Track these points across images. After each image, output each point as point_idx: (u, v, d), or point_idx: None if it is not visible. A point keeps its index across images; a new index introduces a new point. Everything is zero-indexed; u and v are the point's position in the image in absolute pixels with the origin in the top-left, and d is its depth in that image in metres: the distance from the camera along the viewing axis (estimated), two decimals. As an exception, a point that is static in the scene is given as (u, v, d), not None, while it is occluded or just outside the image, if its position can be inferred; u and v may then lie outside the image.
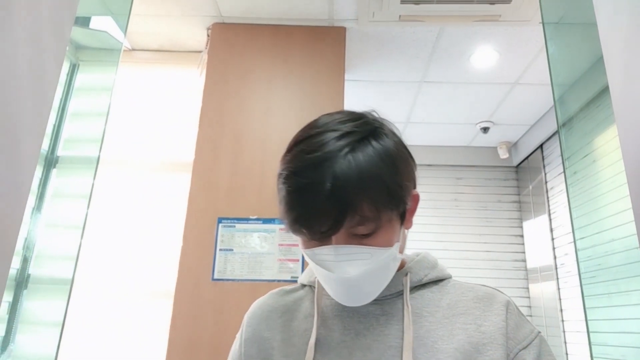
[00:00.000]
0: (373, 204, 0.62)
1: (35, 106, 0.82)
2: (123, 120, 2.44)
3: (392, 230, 0.66)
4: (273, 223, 2.04)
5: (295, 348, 0.71)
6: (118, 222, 2.29)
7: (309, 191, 0.62)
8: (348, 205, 0.61)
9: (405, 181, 0.67)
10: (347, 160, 0.62)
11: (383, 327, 0.70)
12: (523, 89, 2.93)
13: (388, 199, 0.64)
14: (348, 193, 0.61)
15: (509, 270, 3.66)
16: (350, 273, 0.64)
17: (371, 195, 0.62)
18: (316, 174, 0.61)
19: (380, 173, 0.63)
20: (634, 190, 0.73)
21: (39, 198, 1.75)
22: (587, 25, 1.02)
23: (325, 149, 0.63)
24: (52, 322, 1.36)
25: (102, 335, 2.12)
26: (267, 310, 0.79)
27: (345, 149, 0.63)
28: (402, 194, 0.66)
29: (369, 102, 3.10)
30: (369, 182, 0.62)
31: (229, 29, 2.37)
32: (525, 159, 3.72)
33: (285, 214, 0.65)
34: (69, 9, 0.93)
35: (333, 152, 0.62)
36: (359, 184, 0.61)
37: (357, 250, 0.63)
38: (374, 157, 0.63)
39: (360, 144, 0.64)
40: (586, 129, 1.27)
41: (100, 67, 1.85)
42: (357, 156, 0.62)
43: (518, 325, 0.69)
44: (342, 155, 0.62)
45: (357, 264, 0.64)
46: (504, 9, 2.13)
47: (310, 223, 0.63)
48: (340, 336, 0.70)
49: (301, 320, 0.75)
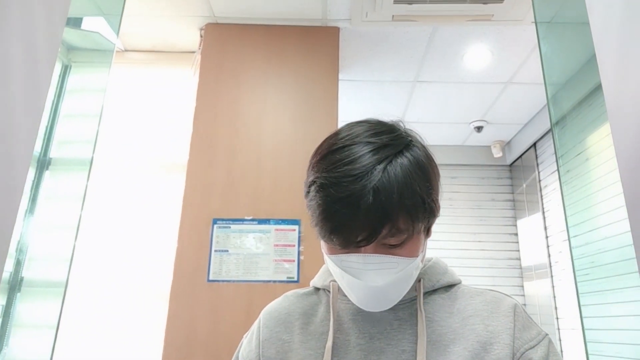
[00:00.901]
0: (409, 218, 0.64)
1: (27, 108, 0.81)
2: (116, 122, 2.43)
3: (419, 241, 0.68)
4: (268, 224, 2.03)
5: (312, 351, 0.73)
6: (112, 224, 2.27)
7: (349, 204, 0.62)
8: (387, 218, 0.62)
9: (437, 195, 0.70)
10: (387, 174, 0.63)
11: (396, 331, 0.71)
12: (516, 88, 2.95)
13: (423, 213, 0.65)
14: (388, 207, 0.62)
15: (504, 269, 3.68)
16: (378, 282, 0.65)
17: (409, 209, 0.63)
18: (356, 187, 0.62)
19: (418, 188, 0.64)
20: (628, 187, 0.74)
21: (31, 200, 1.74)
22: (579, 24, 1.02)
23: (363, 161, 0.64)
24: (46, 325, 1.35)
25: (98, 337, 2.11)
26: (285, 312, 0.80)
27: (384, 163, 0.64)
28: (435, 207, 0.69)
29: (363, 102, 3.10)
30: (407, 197, 0.63)
31: (222, 29, 2.37)
32: (518, 158, 3.74)
33: (321, 223, 0.65)
34: (61, 10, 0.92)
35: (372, 165, 0.63)
36: (398, 199, 0.62)
37: (386, 260, 0.65)
38: (411, 172, 0.65)
39: (397, 158, 0.65)
40: (579, 128, 1.27)
41: (92, 68, 1.84)
42: (396, 170, 0.64)
43: (525, 326, 0.71)
44: (380, 168, 0.63)
45: (384, 273, 0.65)
46: (497, 8, 2.14)
47: (347, 234, 0.63)
48: (356, 340, 0.72)
49: (318, 324, 0.76)
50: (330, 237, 0.65)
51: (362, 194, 0.61)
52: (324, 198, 0.64)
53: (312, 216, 0.67)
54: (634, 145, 0.72)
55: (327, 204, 0.64)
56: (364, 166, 0.63)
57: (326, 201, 0.64)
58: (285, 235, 2.02)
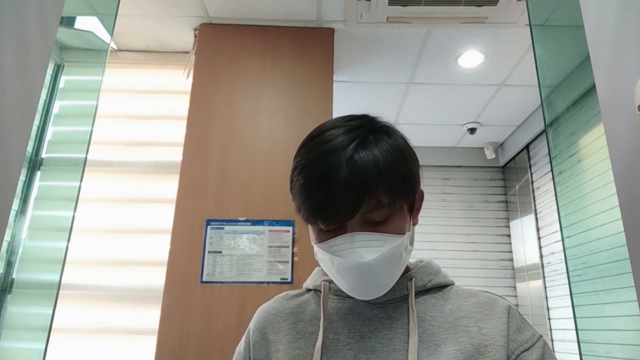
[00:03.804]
0: (388, 190, 0.65)
1: (20, 107, 0.80)
2: (109, 122, 2.41)
3: (403, 218, 0.70)
4: (262, 225, 2.03)
5: (301, 351, 0.72)
6: (105, 224, 2.25)
7: (327, 178, 0.65)
8: (365, 190, 0.64)
9: (414, 168, 0.72)
10: (362, 148, 0.66)
11: (387, 330, 0.71)
12: (509, 91, 2.96)
13: (402, 186, 0.68)
14: (364, 178, 0.64)
15: (496, 270, 3.70)
16: (366, 258, 0.65)
17: (387, 181, 0.65)
18: (332, 162, 0.65)
19: (394, 160, 0.67)
20: (621, 188, 0.74)
21: (22, 201, 1.72)
22: (573, 27, 1.03)
23: (338, 139, 0.67)
24: (38, 327, 1.34)
25: (90, 339, 2.09)
26: (272, 313, 0.80)
27: (359, 139, 0.67)
28: (414, 182, 0.71)
29: (357, 103, 3.11)
30: (384, 168, 0.65)
31: (216, 30, 2.36)
32: (511, 160, 3.76)
33: (303, 204, 0.67)
34: (55, 10, 0.91)
35: (347, 142, 0.67)
36: (375, 170, 0.65)
37: (372, 237, 0.66)
38: (386, 147, 0.68)
39: (372, 136, 0.69)
40: (572, 129, 1.28)
41: (86, 68, 1.83)
42: (371, 146, 0.67)
43: (520, 328, 0.70)
44: (355, 143, 0.66)
45: (372, 250, 0.66)
46: (491, 10, 2.15)
47: (328, 210, 0.65)
48: (346, 339, 0.71)
49: (307, 323, 0.75)
50: (313, 216, 0.67)
51: (338, 168, 0.64)
52: (304, 178, 0.67)
53: (296, 201, 0.69)
54: (628, 147, 0.73)
55: (307, 183, 0.67)
56: (339, 142, 0.67)
57: (306, 180, 0.67)
58: (279, 236, 2.01)
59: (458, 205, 3.86)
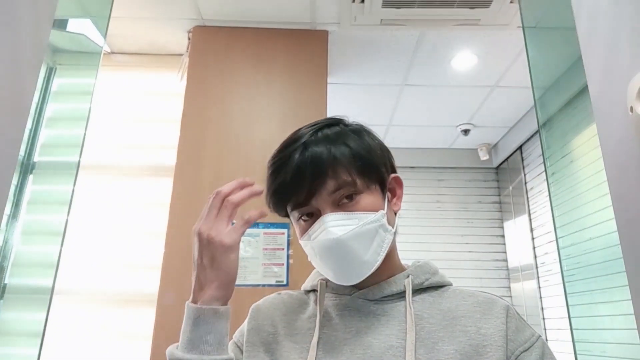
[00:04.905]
0: (344, 168, 0.70)
1: (12, 110, 0.80)
2: (102, 125, 2.40)
3: (373, 197, 0.72)
4: (257, 227, 2.02)
5: (298, 345, 0.72)
6: (99, 228, 2.24)
7: (285, 164, 0.71)
8: (318, 169, 0.69)
9: (374, 149, 0.75)
10: (317, 134, 0.73)
11: (384, 326, 0.71)
12: (502, 92, 2.98)
13: (358, 163, 0.71)
14: (317, 158, 0.69)
15: (491, 270, 3.71)
16: (337, 234, 0.67)
17: (340, 159, 0.70)
18: (290, 149, 0.72)
19: (346, 141, 0.72)
20: (614, 188, 0.75)
21: (14, 205, 1.71)
22: (565, 29, 1.04)
23: (298, 133, 0.75)
24: (31, 332, 1.32)
25: (84, 343, 2.07)
26: (272, 307, 0.80)
27: (315, 129, 0.74)
28: (372, 160, 0.73)
29: (351, 105, 3.11)
30: (335, 148, 0.71)
31: (210, 32, 2.36)
32: (505, 161, 3.78)
33: (270, 191, 0.73)
34: (48, 13, 0.91)
35: (303, 133, 0.74)
36: (326, 150, 0.70)
37: (344, 216, 0.69)
38: (341, 131, 0.74)
39: (328, 127, 0.75)
40: (565, 130, 1.29)
41: (78, 71, 1.81)
42: (326, 131, 0.74)
43: (519, 328, 0.70)
44: (310, 132, 0.73)
45: (344, 228, 0.68)
46: (483, 13, 2.17)
47: (288, 193, 0.70)
48: (343, 335, 0.71)
49: (304, 320, 0.76)
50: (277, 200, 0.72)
51: (294, 152, 0.71)
52: (269, 170, 0.74)
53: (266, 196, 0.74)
54: (620, 147, 0.74)
55: (271, 174, 0.73)
56: (300, 134, 0.74)
57: (271, 172, 0.73)
58: (274, 238, 2.01)
59: (452, 206, 3.87)
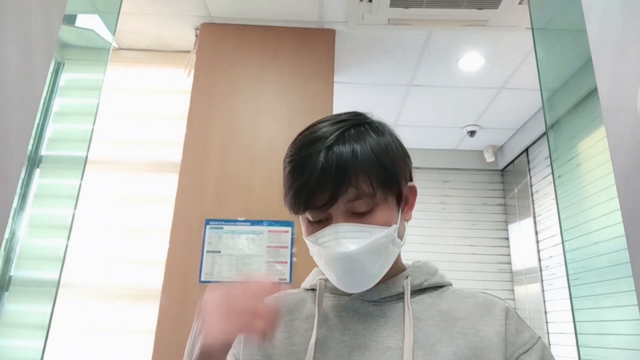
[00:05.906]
0: (367, 177, 0.67)
1: (22, 105, 0.80)
2: (109, 120, 2.41)
3: (389, 211, 0.70)
4: (261, 225, 2.02)
5: (295, 347, 0.72)
6: (105, 223, 2.25)
7: (307, 165, 0.67)
8: (343, 176, 0.66)
9: (398, 160, 0.72)
10: (342, 137, 0.69)
11: (382, 328, 0.70)
12: (509, 94, 2.97)
13: (381, 175, 0.68)
14: (342, 165, 0.66)
15: (494, 273, 3.70)
16: (349, 248, 0.66)
17: (364, 168, 0.67)
18: (313, 149, 0.68)
19: (375, 150, 0.69)
20: (622, 192, 0.74)
21: (21, 198, 1.72)
22: (574, 31, 1.04)
23: (322, 130, 0.70)
24: (36, 325, 1.33)
25: (88, 338, 2.08)
26: None
27: (341, 130, 0.70)
28: (395, 172, 0.71)
29: (357, 105, 3.10)
30: (362, 157, 0.67)
31: (217, 30, 2.36)
32: (510, 163, 3.77)
33: (287, 192, 0.70)
34: (58, 9, 0.91)
35: (329, 133, 0.69)
36: (352, 159, 0.67)
37: (357, 228, 0.67)
38: (366, 136, 0.70)
39: (354, 128, 0.71)
40: (573, 132, 1.29)
41: (87, 66, 1.82)
42: (351, 133, 0.70)
43: (518, 330, 0.70)
44: (337, 133, 0.69)
45: (355, 241, 0.66)
46: (491, 14, 2.16)
47: (309, 196, 0.67)
48: (340, 336, 0.71)
49: (302, 320, 0.75)
50: (295, 202, 0.69)
51: (318, 155, 0.67)
52: (289, 166, 0.70)
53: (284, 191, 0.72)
54: (629, 150, 0.73)
55: (290, 171, 0.70)
56: (322, 133, 0.70)
57: (291, 169, 0.70)
58: (278, 236, 2.01)
59: (457, 207, 3.86)
